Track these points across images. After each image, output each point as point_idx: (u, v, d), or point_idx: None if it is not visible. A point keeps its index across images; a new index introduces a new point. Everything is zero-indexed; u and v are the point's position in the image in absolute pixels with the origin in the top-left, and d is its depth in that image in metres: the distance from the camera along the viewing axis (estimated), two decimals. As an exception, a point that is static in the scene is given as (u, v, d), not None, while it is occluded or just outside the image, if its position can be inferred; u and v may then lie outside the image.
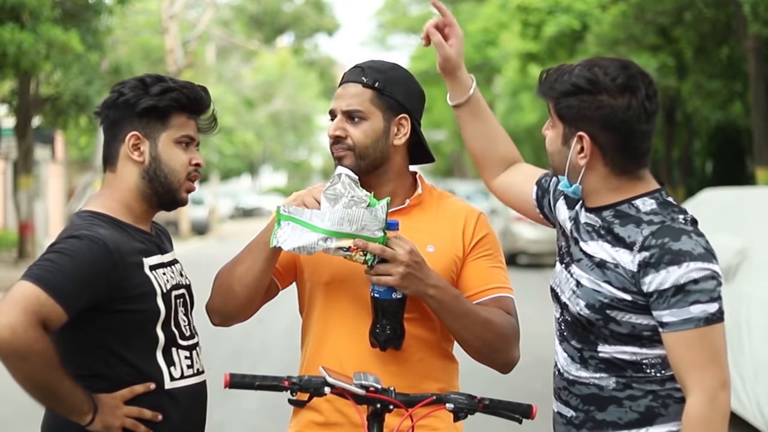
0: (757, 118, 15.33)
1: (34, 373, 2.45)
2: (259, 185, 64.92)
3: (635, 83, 2.48)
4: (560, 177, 2.59)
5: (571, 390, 2.58)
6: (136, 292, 2.64)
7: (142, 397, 2.63)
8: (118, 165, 2.75)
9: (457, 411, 2.62)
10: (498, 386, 7.21)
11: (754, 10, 12.78)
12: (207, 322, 2.92)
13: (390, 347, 2.72)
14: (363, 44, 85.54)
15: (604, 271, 2.49)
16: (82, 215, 2.71)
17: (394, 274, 2.61)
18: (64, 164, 31.54)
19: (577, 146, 2.51)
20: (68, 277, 2.50)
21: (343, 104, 2.82)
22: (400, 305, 2.70)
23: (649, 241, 2.42)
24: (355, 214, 2.60)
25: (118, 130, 2.74)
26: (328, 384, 2.58)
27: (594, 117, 2.47)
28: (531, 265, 21.38)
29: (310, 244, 2.61)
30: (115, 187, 2.76)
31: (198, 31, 33.16)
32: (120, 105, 2.72)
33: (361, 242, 2.60)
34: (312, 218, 2.62)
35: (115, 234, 2.64)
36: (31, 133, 21.09)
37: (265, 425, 7.82)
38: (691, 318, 2.38)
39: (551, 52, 22.17)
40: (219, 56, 44.68)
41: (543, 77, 2.59)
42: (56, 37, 16.84)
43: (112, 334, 2.63)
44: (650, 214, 2.48)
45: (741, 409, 6.86)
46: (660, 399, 2.48)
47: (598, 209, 2.55)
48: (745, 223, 7.69)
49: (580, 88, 2.48)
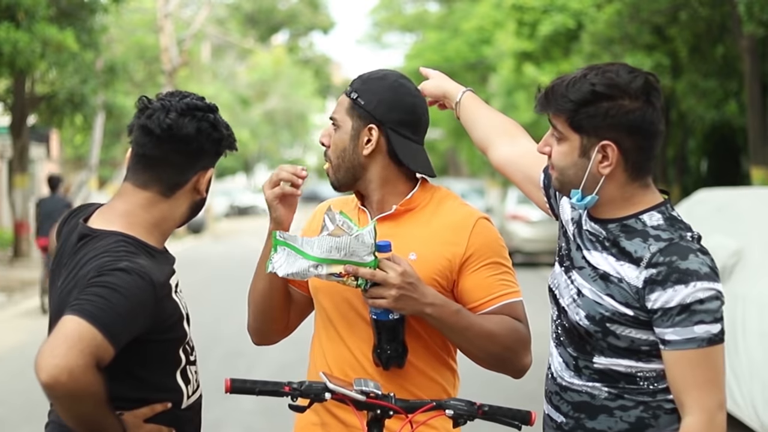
0: (752, 118, 15.36)
1: (86, 413, 2.40)
2: (254, 183, 64.88)
3: (650, 85, 2.47)
4: (572, 192, 2.52)
5: (562, 396, 2.58)
6: (170, 322, 2.61)
7: (161, 416, 2.61)
8: (178, 193, 2.66)
9: (457, 417, 2.62)
10: (492, 387, 7.20)
11: (750, 10, 12.79)
12: (203, 323, 2.93)
13: (393, 366, 2.74)
14: (358, 42, 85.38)
15: (607, 284, 2.47)
16: (112, 237, 2.59)
17: (387, 297, 2.62)
18: (59, 163, 31.52)
19: (599, 156, 2.46)
20: (120, 316, 2.42)
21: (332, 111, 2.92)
22: (399, 325, 2.71)
23: (656, 258, 2.40)
24: (343, 242, 2.61)
25: (199, 160, 2.66)
26: (329, 390, 2.59)
27: (620, 123, 2.43)
28: (526, 264, 21.33)
29: (302, 270, 2.65)
30: (160, 211, 2.66)
31: (193, 30, 33.11)
32: (212, 139, 2.66)
33: (352, 268, 2.62)
34: (303, 245, 2.65)
35: (152, 264, 2.56)
36: (26, 131, 21.08)
37: (261, 425, 7.82)
38: (694, 338, 2.38)
39: (546, 51, 22.20)
40: (214, 54, 44.66)
41: (546, 92, 2.52)
42: (51, 35, 16.83)
43: (141, 362, 2.58)
44: (657, 230, 2.46)
45: (736, 410, 6.87)
46: (651, 410, 2.48)
47: (604, 221, 2.53)
48: (740, 224, 7.69)
49: (601, 94, 2.43)
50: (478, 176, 47.36)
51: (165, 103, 2.64)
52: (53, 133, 27.50)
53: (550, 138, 2.55)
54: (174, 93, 2.70)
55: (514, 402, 3.71)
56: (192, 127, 2.62)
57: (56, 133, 27.07)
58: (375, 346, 2.74)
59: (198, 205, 2.71)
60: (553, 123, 2.52)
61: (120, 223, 2.62)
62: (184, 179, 2.65)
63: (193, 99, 2.66)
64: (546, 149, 2.56)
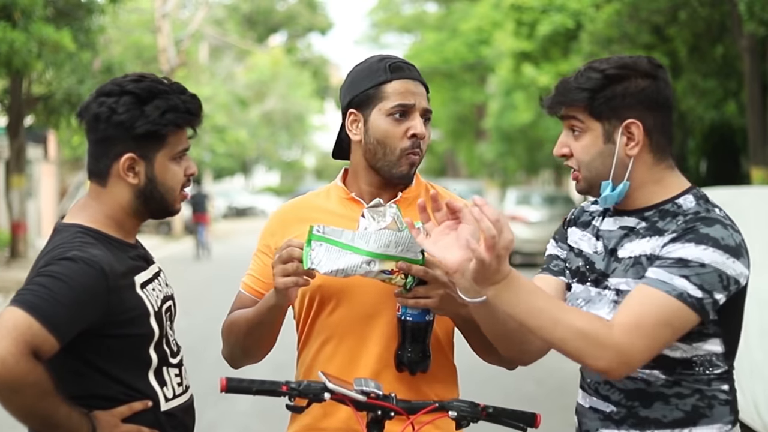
0: (752, 118, 15.32)
1: (28, 404, 2.34)
2: (252, 185, 64.86)
3: (654, 63, 2.48)
4: (602, 185, 2.47)
5: (613, 384, 2.49)
6: (130, 315, 2.52)
7: (141, 417, 2.54)
8: (109, 182, 2.58)
9: (460, 419, 2.55)
10: (491, 388, 7.17)
11: (750, 9, 12.75)
12: (199, 323, 2.86)
13: (419, 371, 2.67)
14: (356, 43, 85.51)
15: (638, 269, 2.42)
16: (71, 229, 2.56)
17: (433, 297, 2.55)
18: (56, 163, 31.46)
19: (623, 138, 2.44)
20: (62, 305, 2.36)
21: None
22: (430, 327, 2.64)
23: (680, 226, 2.38)
24: (403, 237, 2.51)
25: (109, 147, 2.55)
26: (328, 390, 2.51)
27: (639, 100, 2.43)
28: (525, 265, 21.37)
29: (351, 266, 2.51)
30: (104, 202, 2.59)
31: (191, 30, 33.09)
32: (113, 123, 2.53)
33: (405, 265, 2.52)
34: (354, 240, 2.52)
35: (108, 254, 2.50)
36: (23, 132, 21.04)
37: (257, 426, 7.77)
38: (668, 283, 2.30)
39: (545, 51, 22.17)
40: (212, 55, 44.63)
41: (556, 91, 2.49)
42: (48, 35, 16.78)
43: (104, 357, 2.52)
44: (689, 212, 2.42)
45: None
46: (706, 399, 2.43)
47: (639, 211, 2.49)
48: (740, 223, 7.64)
49: (614, 76, 2.43)
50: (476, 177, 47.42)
51: (101, 86, 2.60)
52: (50, 133, 27.45)
53: (566, 138, 2.51)
54: (135, 75, 2.61)
55: (512, 402, 3.66)
56: (91, 113, 2.55)
57: (53, 133, 27.01)
58: (401, 350, 2.66)
59: (148, 192, 2.58)
60: (570, 117, 2.48)
61: (81, 216, 2.60)
62: (103, 166, 2.57)
63: (125, 79, 2.56)
64: (564, 150, 2.52)
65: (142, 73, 2.63)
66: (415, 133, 2.70)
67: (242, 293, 2.88)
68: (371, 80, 2.75)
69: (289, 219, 2.86)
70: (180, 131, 2.60)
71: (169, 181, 2.60)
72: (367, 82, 2.75)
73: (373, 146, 2.74)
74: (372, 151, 2.74)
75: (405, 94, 2.71)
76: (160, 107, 2.53)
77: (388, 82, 2.72)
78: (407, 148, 2.70)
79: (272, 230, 2.87)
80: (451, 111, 44.09)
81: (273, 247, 2.80)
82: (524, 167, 34.54)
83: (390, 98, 2.71)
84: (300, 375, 2.83)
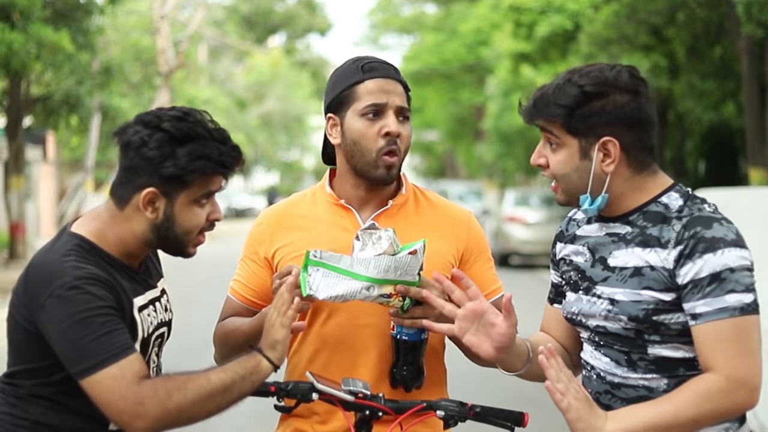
0: (750, 119, 15.33)
1: (196, 405, 2.42)
2: (251, 186, 64.84)
3: (636, 77, 2.45)
4: (581, 198, 2.48)
5: (615, 393, 2.49)
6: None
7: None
8: (127, 209, 2.52)
9: (448, 418, 2.56)
10: (490, 389, 7.16)
11: (748, 11, 12.75)
12: (196, 326, 2.86)
13: (414, 388, 2.68)
14: (355, 44, 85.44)
15: (640, 278, 2.41)
16: (73, 240, 2.51)
17: (430, 317, 2.56)
18: (55, 165, 31.43)
19: (600, 154, 2.43)
20: (105, 330, 2.38)
21: None
22: (425, 344, 2.66)
23: (682, 234, 2.37)
24: (402, 261, 2.51)
25: (134, 176, 2.49)
26: (316, 390, 2.52)
27: (616, 118, 2.41)
28: (523, 266, 21.34)
29: (350, 292, 2.51)
30: (118, 223, 2.53)
31: (189, 32, 33.07)
32: (141, 155, 2.46)
33: (404, 288, 2.53)
34: (353, 266, 2.51)
35: (103, 273, 2.46)
36: (21, 133, 21.03)
37: (253, 427, 7.77)
38: (726, 307, 2.32)
39: (543, 52, 22.17)
40: (211, 56, 44.63)
41: (533, 102, 2.49)
42: (47, 37, 16.78)
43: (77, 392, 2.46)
44: (677, 210, 2.42)
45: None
46: None
47: (623, 216, 2.49)
48: (738, 224, 7.64)
49: (592, 93, 2.41)
50: (475, 178, 47.39)
51: (144, 113, 2.55)
52: (49, 134, 27.44)
53: (544, 149, 2.51)
54: (181, 111, 2.53)
55: (511, 403, 3.65)
56: (125, 139, 2.50)
57: (52, 134, 27.01)
58: (396, 368, 2.66)
59: (163, 230, 2.51)
60: (547, 131, 2.48)
61: (89, 226, 2.56)
62: (125, 193, 2.52)
63: (168, 113, 2.50)
64: (540, 160, 2.51)
65: (189, 111, 2.54)
66: (389, 131, 2.68)
67: (231, 299, 2.88)
68: (345, 82, 2.74)
69: (276, 227, 2.83)
70: (209, 177, 2.52)
71: (187, 224, 2.52)
72: (341, 84, 2.74)
73: (350, 148, 2.72)
74: (350, 153, 2.73)
75: (377, 93, 2.69)
76: (193, 153, 2.45)
77: (361, 83, 2.71)
78: (383, 148, 2.68)
79: (260, 238, 2.84)
80: (450, 112, 44.10)
81: (262, 256, 2.80)
82: (523, 168, 34.52)
83: (363, 98, 2.70)
84: (288, 378, 2.82)
